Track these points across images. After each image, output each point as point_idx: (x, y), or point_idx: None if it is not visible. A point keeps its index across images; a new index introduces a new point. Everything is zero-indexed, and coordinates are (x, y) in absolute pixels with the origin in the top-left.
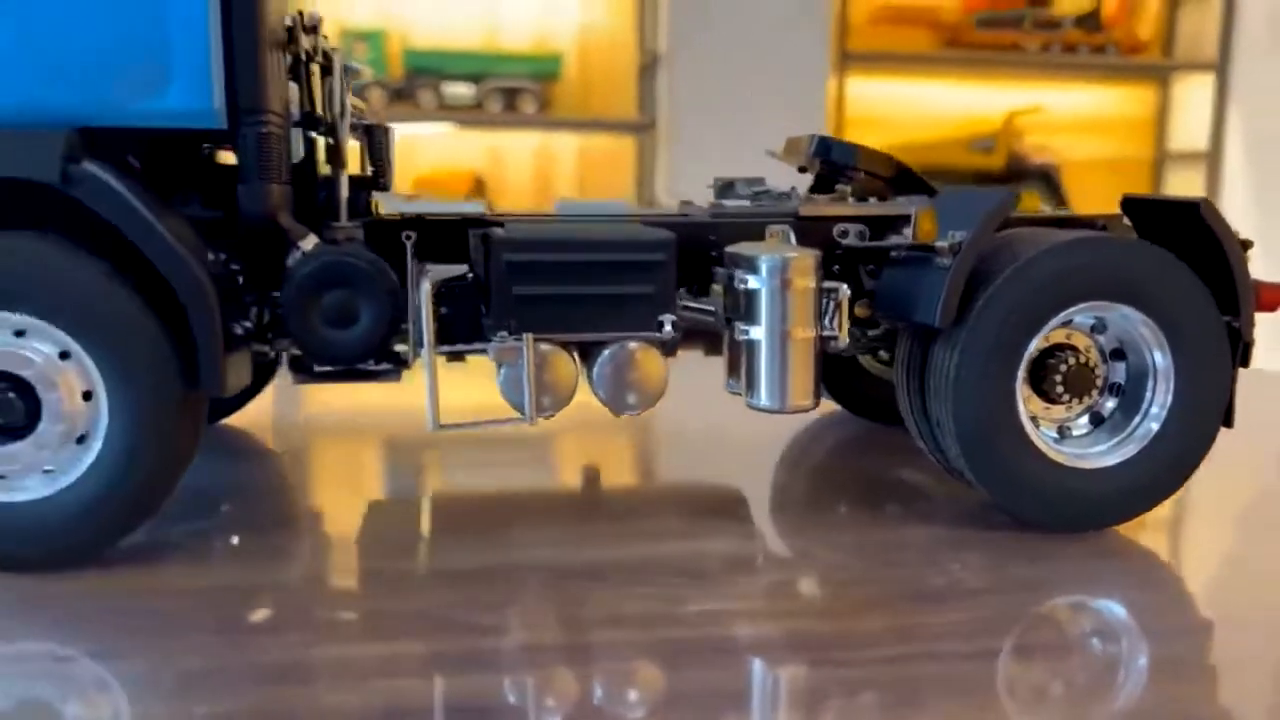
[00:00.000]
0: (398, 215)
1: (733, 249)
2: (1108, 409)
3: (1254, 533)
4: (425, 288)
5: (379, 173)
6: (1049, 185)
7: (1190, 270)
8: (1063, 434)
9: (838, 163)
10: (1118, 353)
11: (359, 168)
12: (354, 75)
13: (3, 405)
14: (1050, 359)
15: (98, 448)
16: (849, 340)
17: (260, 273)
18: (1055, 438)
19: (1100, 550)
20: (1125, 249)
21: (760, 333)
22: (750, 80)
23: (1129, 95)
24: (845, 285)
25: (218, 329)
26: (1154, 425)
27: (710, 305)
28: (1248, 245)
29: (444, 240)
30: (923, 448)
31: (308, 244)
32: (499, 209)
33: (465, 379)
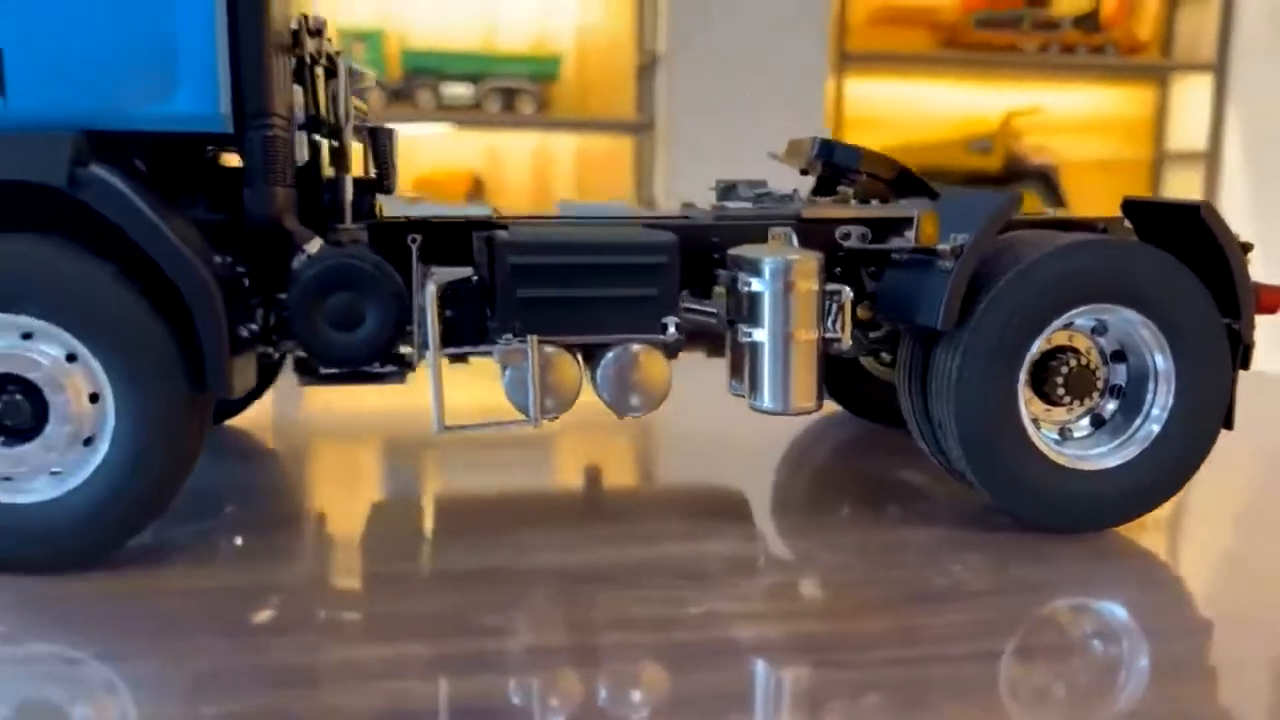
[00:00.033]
0: (403, 218)
1: (735, 251)
2: (1109, 411)
3: (1253, 533)
4: (431, 290)
5: (382, 175)
6: (1047, 186)
7: (1191, 273)
8: (1064, 436)
9: (840, 165)
10: (1118, 355)
11: (362, 170)
12: (358, 78)
13: (10, 407)
14: (1052, 361)
15: (105, 450)
16: (851, 342)
17: (265, 275)
18: (1056, 439)
19: (1101, 551)
20: (1126, 252)
21: (763, 335)
22: (749, 81)
23: (1127, 96)
24: (848, 288)
25: (224, 331)
26: (1155, 427)
27: (712, 307)
28: (1248, 248)
29: (447, 242)
30: (924, 449)
31: (313, 247)
32: (502, 211)
33: (467, 380)
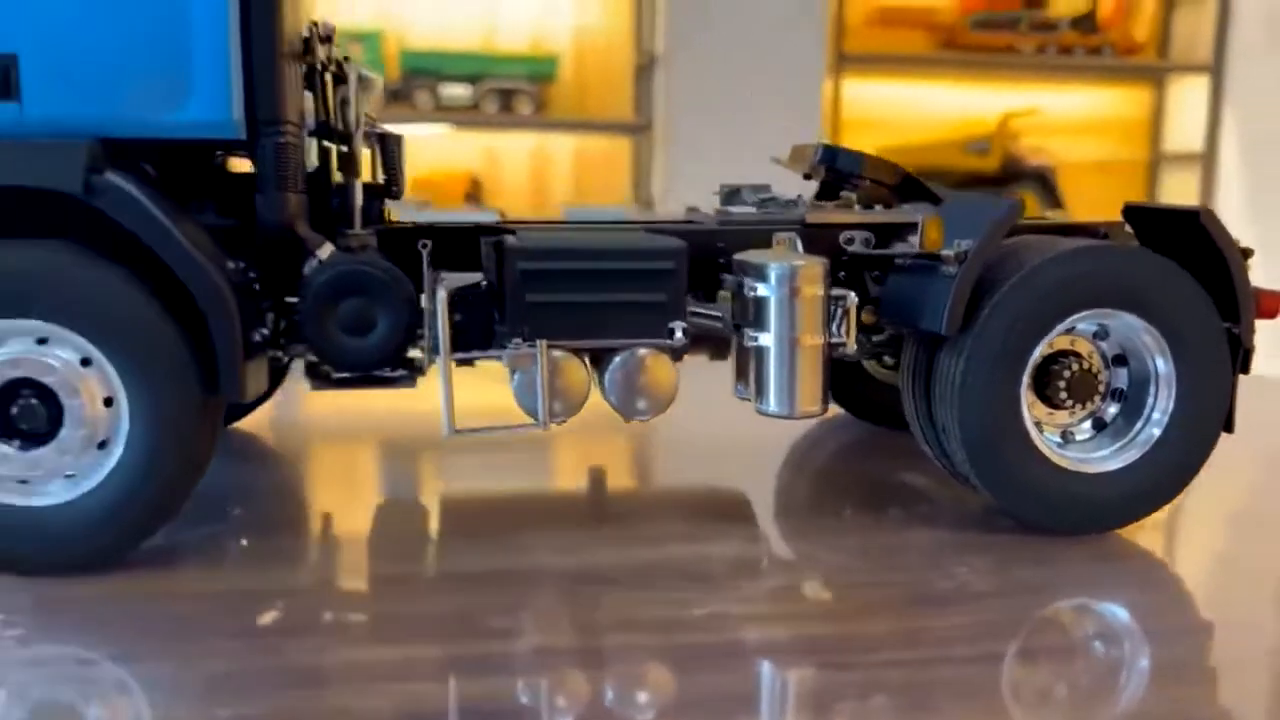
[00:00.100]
0: (412, 224)
1: (741, 256)
2: (1110, 414)
3: (1253, 535)
4: (441, 295)
5: (391, 181)
6: (1044, 187)
7: (1191, 278)
8: (1066, 439)
9: (843, 171)
10: (1120, 359)
11: (370, 175)
12: (368, 85)
13: (26, 412)
14: (1054, 365)
15: (119, 453)
16: (855, 347)
17: (276, 280)
18: (1059, 443)
19: (1103, 553)
20: (1128, 257)
21: (769, 339)
22: (747, 82)
23: (1124, 97)
24: (853, 293)
25: (238, 336)
26: (1156, 430)
27: (718, 311)
28: (1248, 253)
29: (455, 247)
30: (928, 452)
31: (324, 252)
32: (504, 214)
33: (471, 381)
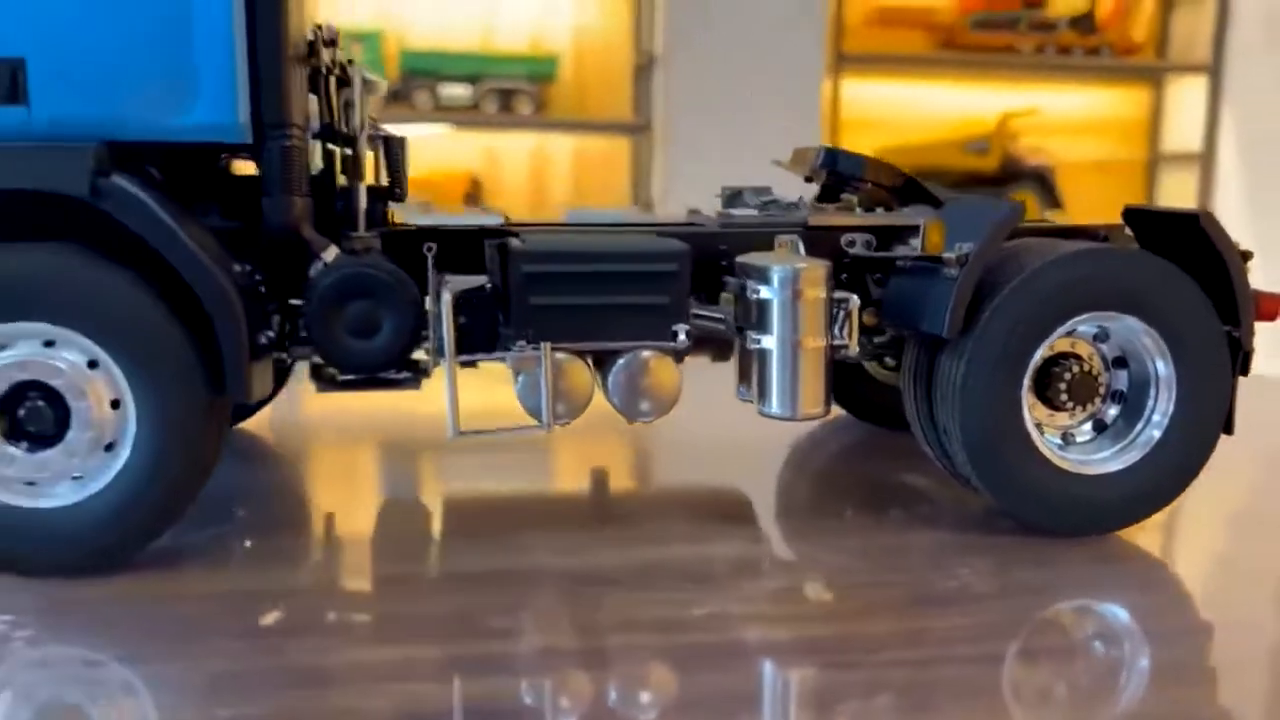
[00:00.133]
0: (416, 226)
1: (744, 259)
2: (1110, 416)
3: (1253, 536)
4: (446, 298)
5: (395, 183)
6: (1043, 186)
7: (1191, 281)
8: (1067, 441)
9: (844, 173)
10: (1120, 361)
11: (373, 178)
12: (372, 88)
13: (33, 414)
14: (1055, 367)
15: (126, 455)
16: (858, 349)
17: (281, 282)
18: (1059, 444)
19: (1103, 555)
20: (1128, 260)
21: (772, 342)
22: (746, 82)
23: (1123, 97)
24: (855, 296)
25: (244, 338)
26: (1156, 432)
27: (720, 313)
28: (1247, 256)
29: (458, 250)
30: (929, 453)
31: (329, 255)
32: (508, 216)
33: (474, 382)
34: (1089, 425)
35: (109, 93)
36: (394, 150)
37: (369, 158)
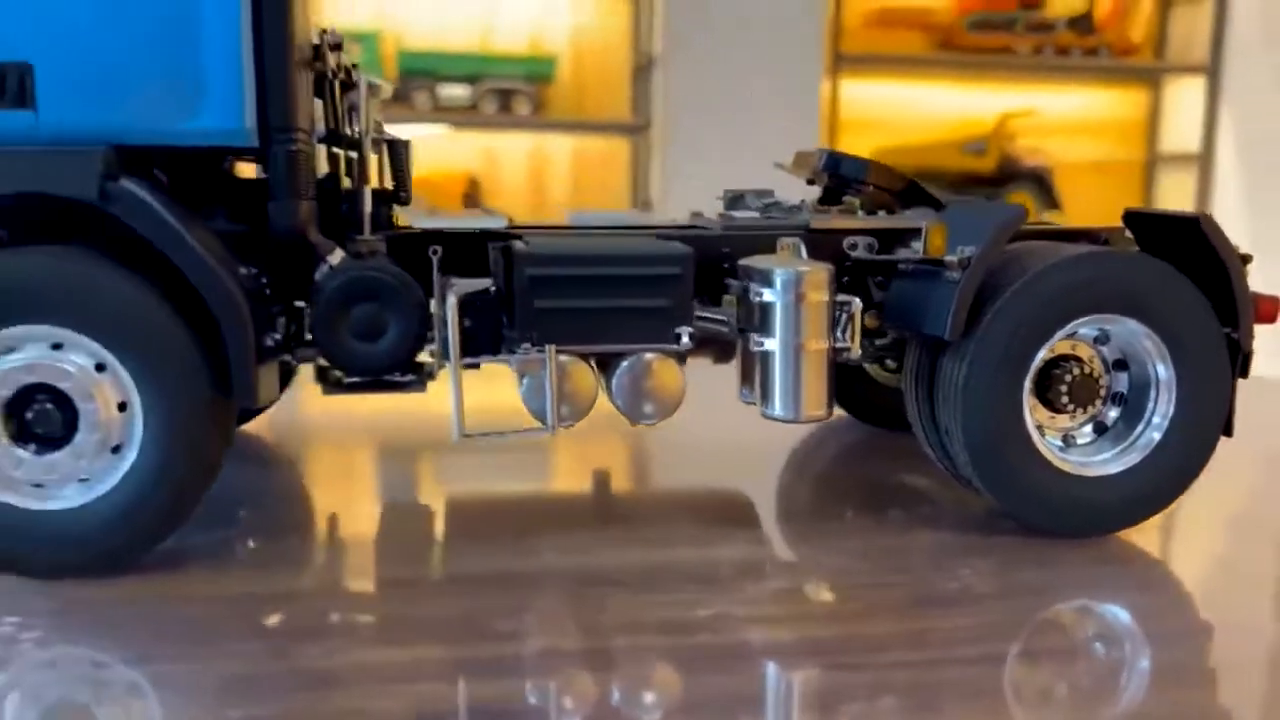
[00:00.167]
0: (421, 230)
1: (747, 262)
2: (1111, 418)
3: (1253, 538)
4: (451, 301)
5: (399, 187)
6: (1041, 187)
7: (1191, 284)
8: (1067, 443)
9: (847, 177)
10: (1120, 363)
11: (377, 181)
12: (377, 91)
13: (41, 416)
14: (1055, 369)
15: (133, 457)
16: (860, 352)
17: (286, 285)
18: (1060, 446)
19: (1104, 556)
20: (1129, 263)
21: (775, 344)
22: (744, 83)
23: (1121, 97)
24: (858, 299)
25: (250, 341)
26: (1156, 434)
27: (722, 315)
28: (1247, 259)
29: (461, 252)
30: (931, 455)
31: (335, 258)
32: (512, 220)
33: (477, 383)
34: (1089, 427)
35: (116, 97)
36: (398, 154)
37: (374, 161)
